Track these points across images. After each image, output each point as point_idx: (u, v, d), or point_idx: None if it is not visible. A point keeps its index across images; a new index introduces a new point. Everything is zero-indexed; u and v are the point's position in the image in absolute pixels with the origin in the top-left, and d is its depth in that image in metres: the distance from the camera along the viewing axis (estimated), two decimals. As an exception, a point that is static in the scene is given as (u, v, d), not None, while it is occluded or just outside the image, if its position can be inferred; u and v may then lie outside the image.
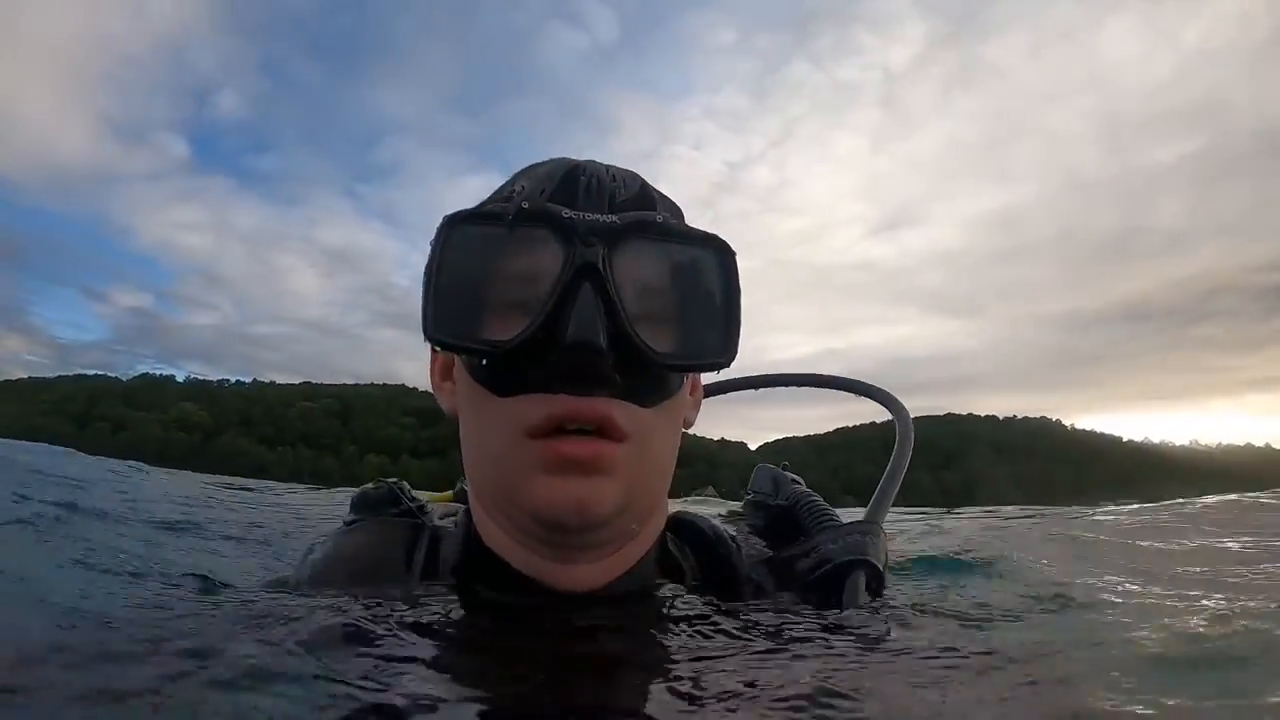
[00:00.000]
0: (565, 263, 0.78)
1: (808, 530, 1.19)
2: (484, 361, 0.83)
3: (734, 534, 1.11)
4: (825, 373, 1.67)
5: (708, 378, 1.16)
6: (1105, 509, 5.51)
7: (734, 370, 0.92)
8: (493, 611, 0.89)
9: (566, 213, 0.80)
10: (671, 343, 0.84)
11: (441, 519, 1.10)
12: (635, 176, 0.93)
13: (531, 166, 0.95)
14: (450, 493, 1.90)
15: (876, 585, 1.02)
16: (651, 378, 0.84)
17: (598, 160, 0.94)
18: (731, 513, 1.40)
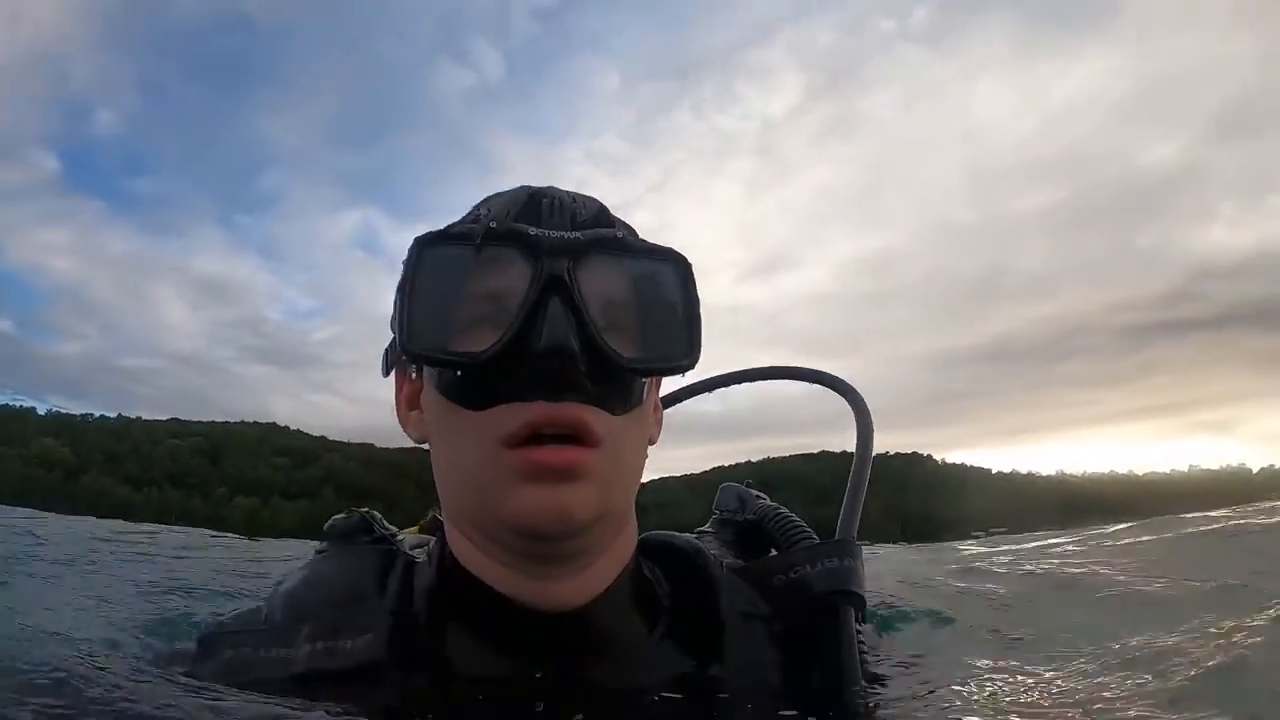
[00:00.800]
0: (534, 277, 0.81)
1: (779, 544, 1.21)
2: (458, 374, 0.85)
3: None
4: (774, 365, 1.57)
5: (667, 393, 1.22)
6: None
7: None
8: (471, 637, 0.90)
9: (533, 231, 0.84)
10: (637, 349, 0.87)
11: (413, 549, 1.10)
12: (593, 199, 0.97)
13: (494, 194, 0.97)
14: (420, 525, 1.93)
15: (859, 614, 1.03)
16: (619, 385, 0.86)
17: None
18: (699, 531, 1.39)
